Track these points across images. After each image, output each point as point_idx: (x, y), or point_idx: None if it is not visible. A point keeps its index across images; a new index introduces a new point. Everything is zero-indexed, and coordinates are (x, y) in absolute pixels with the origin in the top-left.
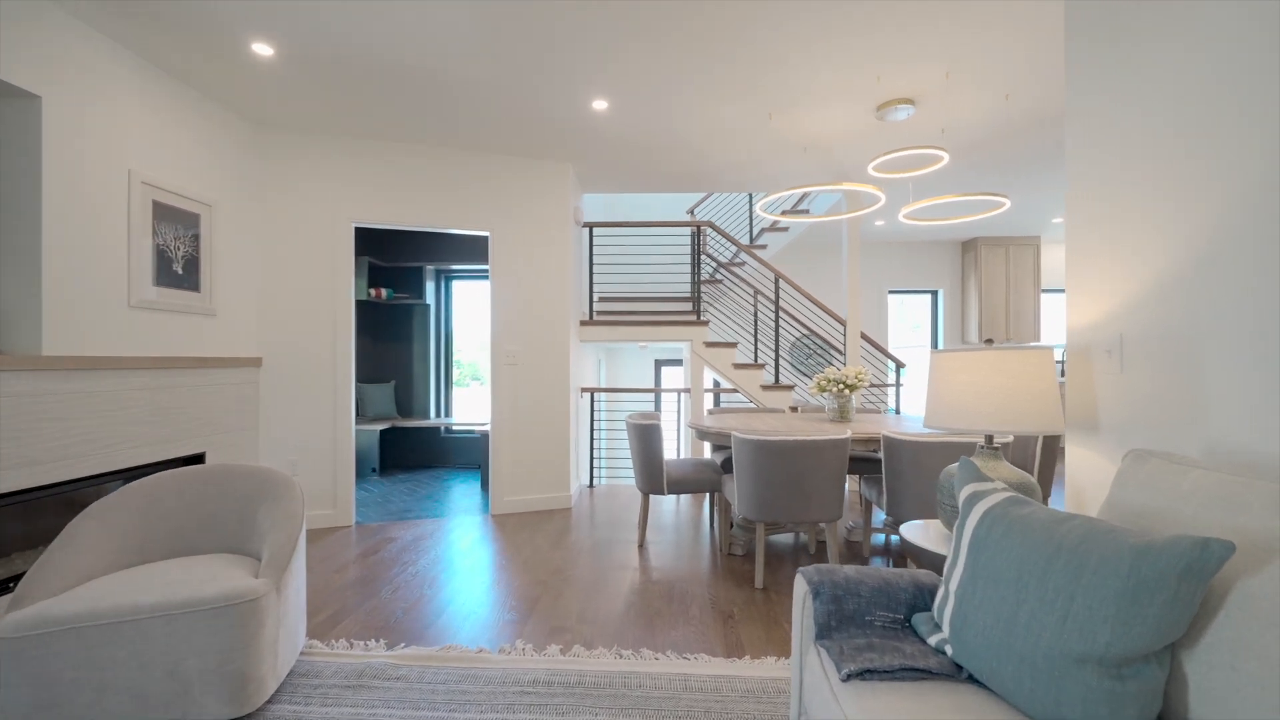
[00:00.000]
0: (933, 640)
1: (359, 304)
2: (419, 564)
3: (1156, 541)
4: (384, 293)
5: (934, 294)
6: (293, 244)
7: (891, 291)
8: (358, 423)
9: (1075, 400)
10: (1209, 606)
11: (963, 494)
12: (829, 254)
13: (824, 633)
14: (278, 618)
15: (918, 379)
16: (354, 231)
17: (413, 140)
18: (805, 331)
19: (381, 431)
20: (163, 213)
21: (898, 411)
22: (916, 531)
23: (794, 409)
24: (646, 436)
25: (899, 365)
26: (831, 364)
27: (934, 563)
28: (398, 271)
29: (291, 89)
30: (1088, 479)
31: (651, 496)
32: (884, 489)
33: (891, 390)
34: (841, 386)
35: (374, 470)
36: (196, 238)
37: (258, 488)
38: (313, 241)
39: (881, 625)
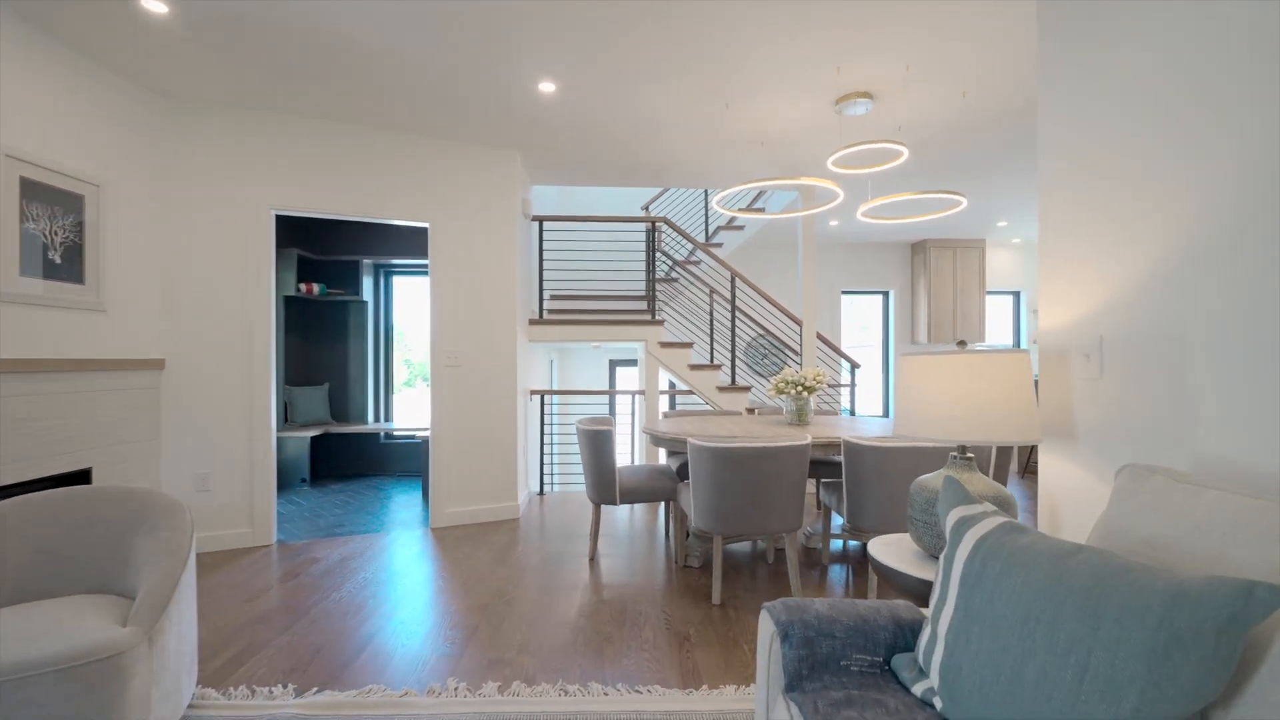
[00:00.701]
0: (918, 689)
1: (288, 300)
2: (344, 589)
3: (1190, 585)
4: (316, 288)
5: (885, 295)
6: (203, 232)
7: (845, 292)
8: (287, 429)
9: (1050, 407)
10: (1245, 662)
11: (949, 520)
12: (783, 254)
13: (794, 683)
14: (150, 673)
15: (870, 379)
16: (275, 219)
17: (341, 120)
18: (761, 331)
19: (313, 438)
20: (36, 192)
21: (852, 413)
22: (886, 550)
23: (751, 411)
24: (598, 443)
25: (854, 366)
26: (787, 364)
27: (907, 587)
28: (331, 265)
29: (194, 55)
30: (1062, 489)
31: (604, 506)
32: (844, 496)
33: (846, 391)
34: (800, 389)
35: (304, 480)
36: (80, 223)
37: (135, 514)
38: (226, 229)
39: (859, 670)
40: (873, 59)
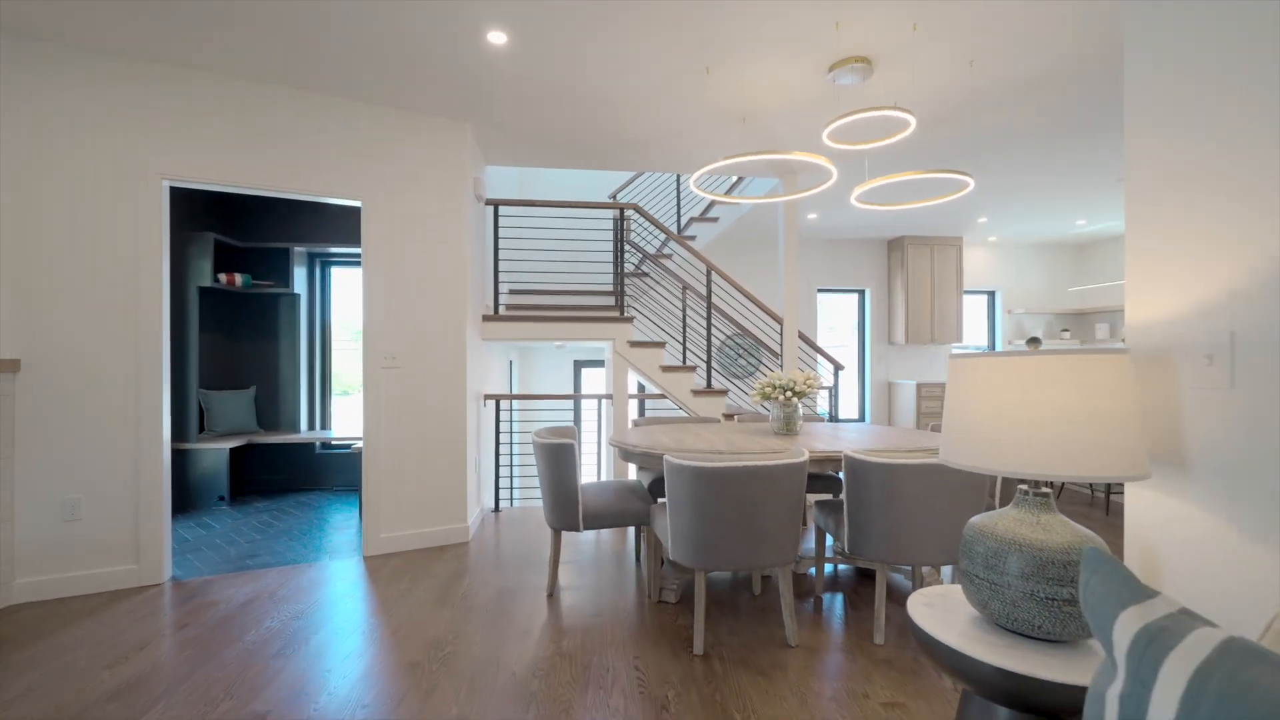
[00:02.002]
0: None
1: (204, 292)
2: (241, 643)
3: None
4: (239, 279)
5: (861, 293)
6: (71, 205)
7: (820, 290)
8: (202, 439)
9: (1148, 426)
10: None
11: (1119, 629)
12: (759, 250)
13: None
14: None
15: (846, 381)
16: (169, 193)
17: (252, 79)
18: (736, 330)
19: (234, 450)
20: None
21: (834, 418)
22: (932, 614)
23: (730, 417)
24: (558, 459)
25: (838, 367)
26: (762, 365)
27: (969, 672)
28: (258, 253)
29: None
30: (1166, 537)
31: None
32: (846, 521)
33: (825, 394)
34: (789, 394)
35: (221, 499)
36: None
37: None
38: (104, 203)
39: None
40: (876, 14)
